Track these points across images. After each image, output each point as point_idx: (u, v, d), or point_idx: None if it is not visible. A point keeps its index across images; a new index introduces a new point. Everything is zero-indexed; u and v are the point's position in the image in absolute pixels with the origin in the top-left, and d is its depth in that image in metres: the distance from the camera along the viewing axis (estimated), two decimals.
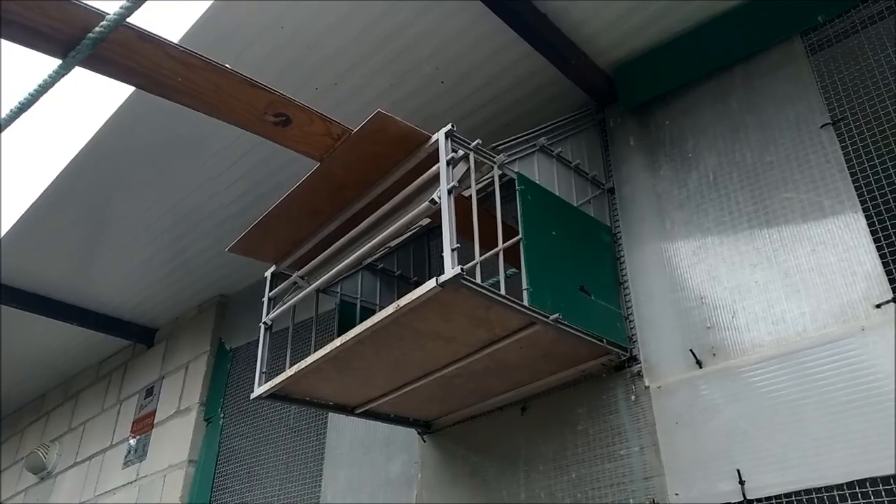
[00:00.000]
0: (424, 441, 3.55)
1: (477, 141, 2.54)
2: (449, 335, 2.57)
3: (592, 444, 2.78)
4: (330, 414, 4.20)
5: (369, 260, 3.59)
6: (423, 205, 2.43)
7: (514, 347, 2.65)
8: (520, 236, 2.53)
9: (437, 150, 2.49)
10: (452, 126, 2.47)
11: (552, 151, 2.91)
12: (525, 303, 2.38)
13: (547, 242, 2.64)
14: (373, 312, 3.62)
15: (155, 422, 5.60)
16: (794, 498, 2.15)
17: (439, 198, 2.35)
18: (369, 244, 2.73)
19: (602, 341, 2.65)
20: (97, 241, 5.10)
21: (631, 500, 2.55)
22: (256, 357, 4.66)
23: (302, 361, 2.74)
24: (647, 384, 2.67)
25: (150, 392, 5.92)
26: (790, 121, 2.67)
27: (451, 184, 2.34)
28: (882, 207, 2.30)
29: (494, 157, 2.62)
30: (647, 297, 2.83)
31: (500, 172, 2.62)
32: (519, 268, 2.54)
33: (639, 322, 2.82)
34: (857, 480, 2.04)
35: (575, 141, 3.14)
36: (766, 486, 2.21)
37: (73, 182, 4.37)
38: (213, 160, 4.26)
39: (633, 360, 2.75)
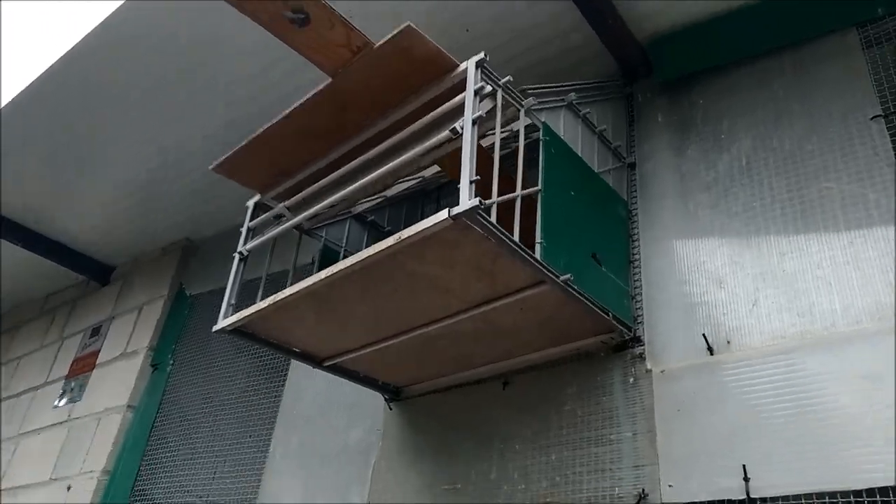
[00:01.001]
0: (391, 409, 3.30)
1: (508, 77, 2.31)
2: (445, 285, 2.33)
3: (579, 426, 2.56)
4: (290, 373, 3.92)
5: (366, 202, 3.34)
6: (443, 134, 2.19)
7: (513, 309, 2.43)
8: (539, 187, 2.31)
9: (463, 80, 2.24)
10: (485, 55, 2.24)
11: (579, 111, 2.70)
12: (538, 256, 2.16)
13: (565, 201, 2.42)
14: None
15: (97, 362, 5.24)
16: (803, 501, 1.96)
17: (461, 127, 2.11)
18: (371, 175, 2.47)
19: (608, 315, 2.44)
20: (63, 164, 4.73)
21: (616, 489, 2.34)
22: (219, 305, 4.42)
23: (278, 293, 2.46)
24: (649, 367, 2.47)
25: (96, 332, 5.55)
26: (838, 111, 2.50)
27: (478, 113, 2.10)
28: None
29: (523, 101, 2.40)
30: (659, 277, 2.64)
31: (527, 120, 2.40)
32: (532, 226, 2.31)
33: (646, 302, 2.62)
34: (879, 488, 1.85)
35: (600, 108, 2.93)
36: (773, 485, 2.01)
37: (45, 93, 4.02)
38: (201, 94, 3.96)
39: (636, 340, 2.54)
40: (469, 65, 2.25)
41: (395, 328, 2.66)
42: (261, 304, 2.52)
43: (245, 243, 2.89)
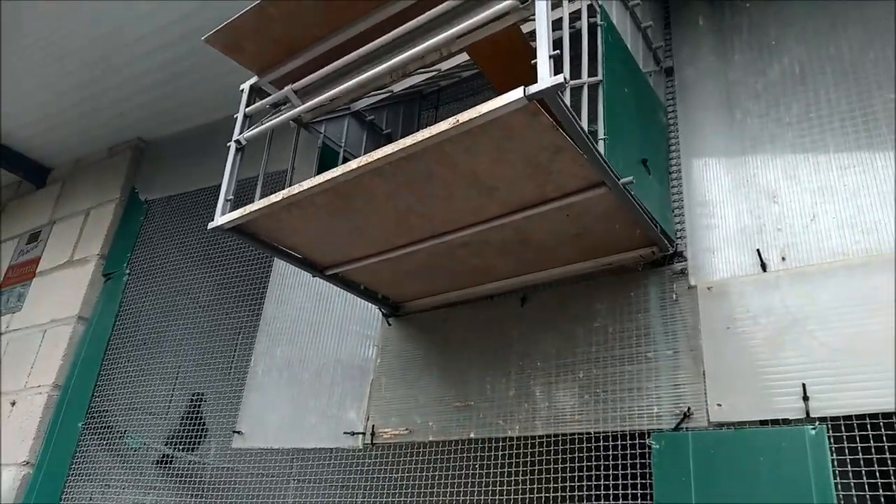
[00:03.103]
0: (389, 324, 3.08)
1: None
2: (491, 182, 2.08)
3: (611, 343, 2.42)
4: (270, 284, 3.63)
5: (368, 97, 3.00)
6: (503, 4, 1.89)
7: (556, 217, 2.21)
8: (600, 77, 2.06)
9: None
10: None
11: (628, 2, 2.44)
12: (603, 153, 1.94)
13: (621, 96, 2.19)
14: None
15: (37, 271, 4.76)
16: (867, 421, 1.88)
17: None
18: (397, 60, 2.16)
19: (656, 226, 2.26)
20: None
21: (654, 409, 2.23)
22: (179, 211, 4.04)
23: (293, 187, 2.16)
24: (692, 283, 2.33)
25: (34, 237, 5.04)
26: None
27: None
28: None
29: None
30: (703, 190, 2.48)
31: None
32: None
33: (689, 216, 2.46)
34: None
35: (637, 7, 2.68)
36: (833, 405, 1.93)
37: None
38: None
39: (678, 256, 2.39)
40: None
41: (417, 234, 2.40)
42: (271, 199, 2.21)
43: (242, 131, 2.53)
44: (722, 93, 2.60)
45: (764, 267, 2.21)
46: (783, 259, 2.20)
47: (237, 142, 2.50)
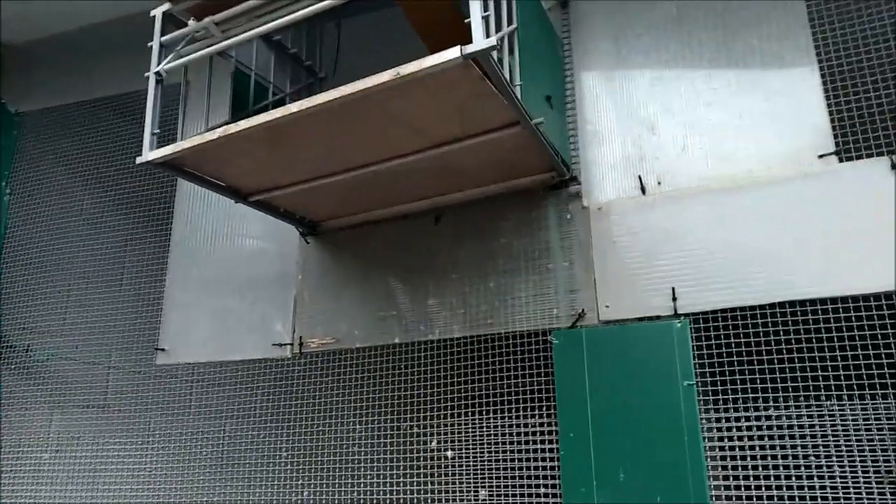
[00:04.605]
0: (307, 242, 3.27)
1: None
2: (420, 124, 2.30)
3: (516, 256, 2.79)
4: (176, 204, 3.65)
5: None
6: None
7: (476, 150, 2.47)
8: (515, 25, 2.29)
9: None
10: None
11: None
12: (519, 97, 2.20)
13: (530, 39, 2.43)
14: (265, 90, 3.14)
15: None
16: (719, 314, 2.41)
17: None
18: None
19: (557, 156, 2.60)
20: None
21: (555, 310, 2.66)
22: (58, 125, 3.87)
23: (231, 125, 2.25)
24: (585, 204, 2.72)
25: None
26: None
27: None
28: (836, 68, 2.51)
29: None
30: (594, 119, 2.82)
31: None
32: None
33: (582, 143, 2.81)
34: (778, 303, 2.34)
35: None
36: (697, 303, 2.44)
37: None
38: None
39: (573, 180, 2.76)
40: None
41: (345, 164, 2.58)
42: (207, 136, 2.29)
43: (160, 62, 2.52)
44: (610, 29, 2.90)
45: (643, 190, 2.64)
46: (659, 184, 2.63)
47: (157, 74, 2.49)
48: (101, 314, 3.67)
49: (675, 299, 2.46)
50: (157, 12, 2.58)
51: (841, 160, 2.40)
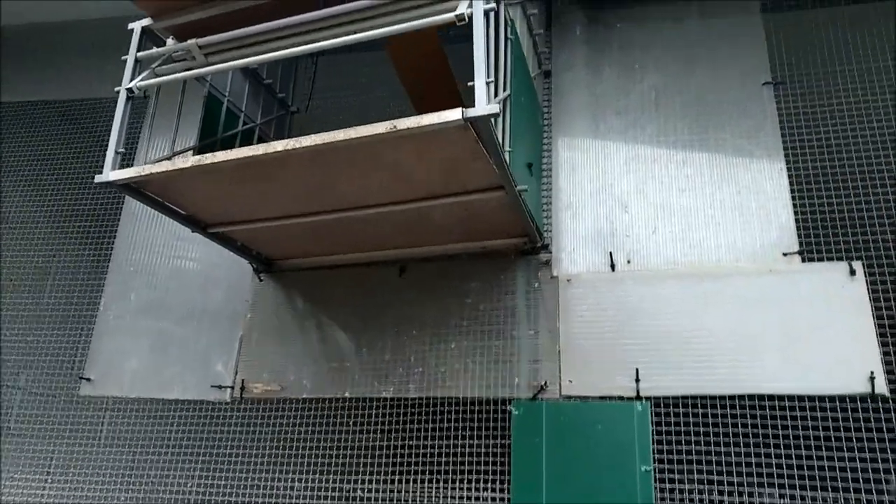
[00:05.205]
0: (261, 280, 3.13)
1: None
2: (408, 175, 2.24)
3: (481, 319, 2.74)
4: (121, 224, 3.44)
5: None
6: (446, 15, 2.01)
7: (456, 207, 2.44)
8: (509, 91, 2.28)
9: None
10: None
11: (527, 10, 2.67)
12: (508, 163, 2.18)
13: (519, 107, 2.44)
14: (236, 117, 3.02)
15: None
16: (680, 401, 2.41)
17: (469, 15, 1.97)
18: (326, 43, 2.19)
19: (533, 223, 2.59)
20: None
21: (516, 379, 2.61)
22: (42, 120, 3.65)
23: (206, 155, 2.13)
24: (554, 273, 2.71)
25: None
26: (736, 70, 2.84)
27: (491, 4, 1.97)
28: (801, 171, 2.62)
29: None
30: (570, 191, 2.84)
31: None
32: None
33: (555, 213, 2.82)
34: (738, 395, 2.36)
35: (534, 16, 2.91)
36: (659, 387, 2.44)
37: None
38: None
39: (544, 248, 2.75)
40: None
41: (320, 207, 2.49)
42: (179, 164, 2.16)
43: (133, 77, 2.38)
44: (591, 104, 2.95)
45: (613, 267, 2.65)
46: (628, 262, 2.65)
47: (128, 90, 2.35)
48: (15, 330, 3.36)
49: (638, 381, 2.46)
50: (137, 26, 2.46)
51: (804, 260, 2.48)
